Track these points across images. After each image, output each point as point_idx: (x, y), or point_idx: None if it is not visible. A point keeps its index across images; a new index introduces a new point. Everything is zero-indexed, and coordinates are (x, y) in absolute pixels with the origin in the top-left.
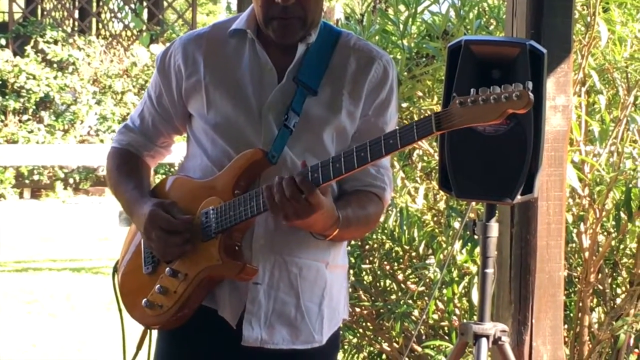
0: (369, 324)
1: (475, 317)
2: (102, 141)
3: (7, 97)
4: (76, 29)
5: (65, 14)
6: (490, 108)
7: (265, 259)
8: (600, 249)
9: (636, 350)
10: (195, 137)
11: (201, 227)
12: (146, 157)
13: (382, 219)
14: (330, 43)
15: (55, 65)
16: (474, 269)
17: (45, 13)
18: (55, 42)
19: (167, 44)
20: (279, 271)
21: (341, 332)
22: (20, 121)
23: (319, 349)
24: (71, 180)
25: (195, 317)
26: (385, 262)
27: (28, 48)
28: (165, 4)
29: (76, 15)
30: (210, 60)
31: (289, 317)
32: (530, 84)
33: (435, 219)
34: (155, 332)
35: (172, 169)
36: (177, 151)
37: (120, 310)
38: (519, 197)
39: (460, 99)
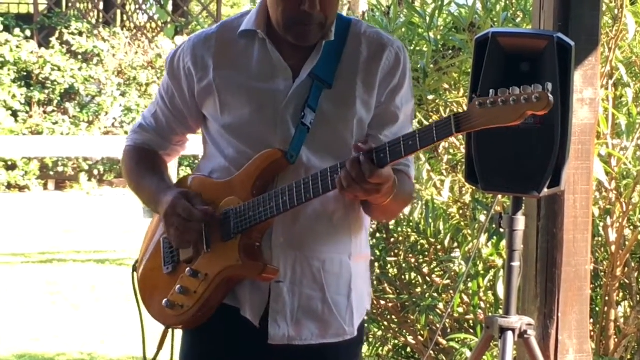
0: (394, 316)
1: (500, 311)
2: (126, 133)
3: (32, 88)
4: (101, 20)
5: (90, 5)
6: (510, 109)
7: (286, 256)
8: (627, 242)
9: None
10: (212, 138)
11: (220, 226)
12: (163, 155)
13: (407, 211)
14: (342, 33)
15: (80, 57)
16: (499, 262)
17: (70, 5)
18: (80, 33)
19: (176, 46)
20: (301, 267)
21: (366, 324)
22: (45, 112)
23: (350, 341)
24: (95, 172)
25: (219, 316)
26: (411, 255)
27: (53, 39)
28: None
29: (101, 6)
30: (220, 62)
31: (316, 312)
32: (549, 86)
33: (460, 212)
34: (177, 331)
35: (196, 161)
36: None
37: (139, 308)
38: (545, 190)
39: (479, 100)
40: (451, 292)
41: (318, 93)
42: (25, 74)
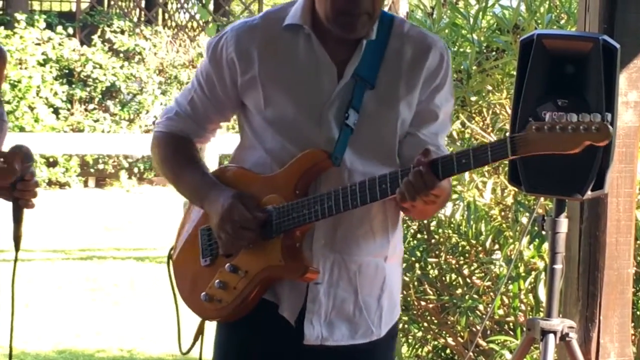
0: (434, 318)
1: (541, 314)
2: None
3: (73, 86)
4: (143, 19)
5: (132, 4)
6: (568, 138)
7: (325, 258)
8: None
9: None
10: (253, 129)
11: (262, 224)
12: (197, 142)
13: (449, 212)
14: (385, 32)
15: (121, 55)
16: (540, 264)
17: (112, 3)
18: (122, 31)
19: (218, 33)
20: (339, 270)
21: (406, 325)
22: (86, 110)
23: (376, 342)
24: (135, 170)
25: (256, 310)
26: (451, 257)
27: (95, 37)
28: None
29: (143, 5)
30: (264, 56)
31: (348, 313)
32: (609, 117)
33: (502, 213)
34: (207, 323)
35: None
36: None
37: (175, 296)
38: (589, 193)
39: (536, 124)
40: (491, 294)
41: (361, 93)
42: (67, 71)
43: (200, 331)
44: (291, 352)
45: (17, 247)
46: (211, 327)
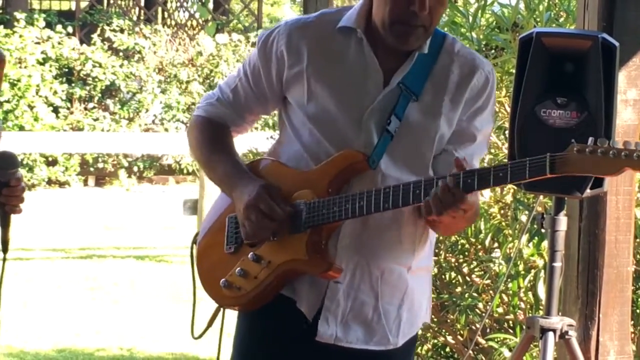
0: (433, 316)
1: (540, 312)
2: (166, 130)
3: (73, 84)
4: (142, 17)
5: (132, 2)
6: (609, 162)
7: (348, 259)
8: None
9: None
10: (292, 124)
11: (291, 217)
12: (233, 131)
13: None
14: (435, 48)
15: (121, 54)
16: (540, 262)
17: (111, 2)
18: (122, 30)
19: (273, 26)
20: (361, 273)
21: None
22: (85, 109)
23: (392, 352)
24: (135, 169)
25: (273, 304)
26: (451, 255)
27: (94, 36)
28: None
29: (142, 3)
30: (314, 52)
31: (366, 318)
32: None
33: (502, 211)
34: (228, 312)
35: None
36: None
37: (194, 282)
38: (588, 191)
39: (578, 146)
40: (491, 292)
41: (405, 103)
42: (66, 70)
43: (214, 318)
44: (304, 348)
45: (4, 250)
46: (229, 319)
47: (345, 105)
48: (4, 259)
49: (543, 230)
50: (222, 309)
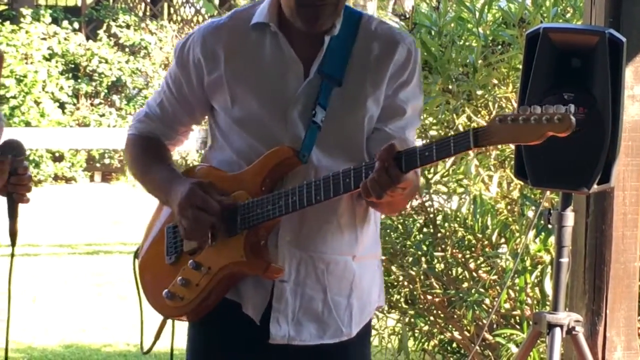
0: (440, 311)
1: (547, 307)
2: None
3: (79, 80)
4: (148, 13)
5: None
6: (530, 129)
7: (291, 256)
8: None
9: None
10: (220, 129)
11: (226, 220)
12: (168, 144)
13: (455, 206)
14: (352, 29)
15: (127, 50)
16: (547, 258)
17: None
18: (128, 26)
19: (185, 35)
20: (306, 268)
21: (412, 319)
22: (92, 105)
23: (348, 342)
24: None
25: (220, 310)
26: (457, 251)
27: (101, 32)
28: None
29: None
30: (231, 54)
31: (316, 313)
32: (572, 107)
33: (508, 207)
34: (177, 323)
35: None
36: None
37: (139, 296)
38: (595, 186)
39: (500, 116)
40: (498, 287)
41: (328, 91)
42: (72, 66)
43: (160, 330)
44: (258, 352)
45: (13, 243)
46: (179, 328)
47: (268, 103)
48: (12, 254)
49: (550, 226)
50: (172, 320)
